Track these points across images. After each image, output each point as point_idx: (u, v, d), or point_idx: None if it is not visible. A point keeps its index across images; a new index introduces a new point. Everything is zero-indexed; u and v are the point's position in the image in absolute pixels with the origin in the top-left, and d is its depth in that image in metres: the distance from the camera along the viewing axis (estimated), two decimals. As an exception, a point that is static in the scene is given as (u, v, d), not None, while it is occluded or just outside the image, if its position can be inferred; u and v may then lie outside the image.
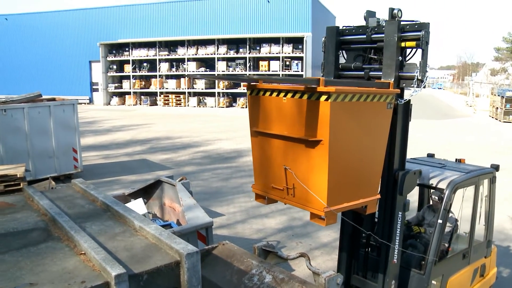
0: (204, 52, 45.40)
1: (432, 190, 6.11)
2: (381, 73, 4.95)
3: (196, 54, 45.43)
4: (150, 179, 9.03)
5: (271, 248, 5.09)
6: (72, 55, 51.21)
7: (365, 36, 5.12)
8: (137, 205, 7.82)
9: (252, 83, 4.70)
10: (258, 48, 43.72)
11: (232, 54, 44.35)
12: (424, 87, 4.89)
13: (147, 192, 8.68)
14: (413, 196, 6.56)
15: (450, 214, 6.08)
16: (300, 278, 4.31)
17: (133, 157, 19.64)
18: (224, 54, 44.46)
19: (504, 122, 34.69)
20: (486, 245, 6.63)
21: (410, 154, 7.85)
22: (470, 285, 6.34)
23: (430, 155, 7.34)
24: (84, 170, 15.75)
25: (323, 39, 5.43)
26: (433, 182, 5.90)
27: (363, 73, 5.22)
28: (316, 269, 4.65)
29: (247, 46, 43.81)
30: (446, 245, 5.97)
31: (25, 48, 53.25)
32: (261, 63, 43.25)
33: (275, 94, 4.46)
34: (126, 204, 5.54)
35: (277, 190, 4.68)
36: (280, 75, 39.94)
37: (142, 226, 3.11)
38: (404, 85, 4.94)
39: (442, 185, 5.75)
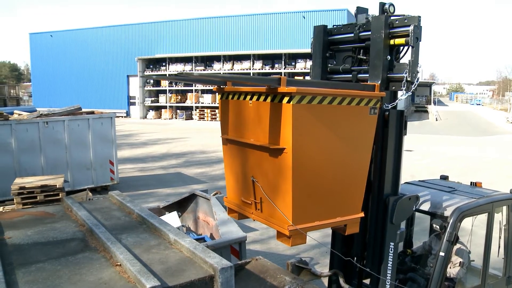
0: (240, 67, 45.77)
1: (434, 219, 5.28)
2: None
3: (231, 70, 45.82)
4: (184, 193, 9.11)
5: (305, 265, 5.04)
6: (111, 69, 52.61)
7: (353, 35, 4.60)
8: (172, 218, 7.89)
9: (222, 86, 4.26)
10: (293, 63, 43.80)
11: (267, 69, 44.55)
12: (415, 90, 4.26)
13: (181, 205, 8.76)
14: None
15: (460, 246, 5.48)
16: (333, 296, 4.24)
17: (168, 170, 19.86)
18: (259, 69, 44.72)
19: (547, 140, 33.49)
20: (506, 282, 5.82)
21: (441, 172, 7.63)
22: None
23: (443, 177, 6.57)
24: (120, 182, 16.02)
25: (311, 40, 4.96)
26: (436, 209, 5.25)
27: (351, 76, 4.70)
28: (350, 287, 4.58)
29: (283, 62, 43.97)
30: (453, 281, 5.32)
31: (67, 63, 55.07)
32: (296, 78, 43.21)
33: (242, 97, 4.02)
34: (161, 217, 5.60)
35: (246, 203, 4.23)
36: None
37: (177, 239, 3.13)
38: (394, 88, 4.36)
39: (446, 212, 5.10)
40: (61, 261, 2.90)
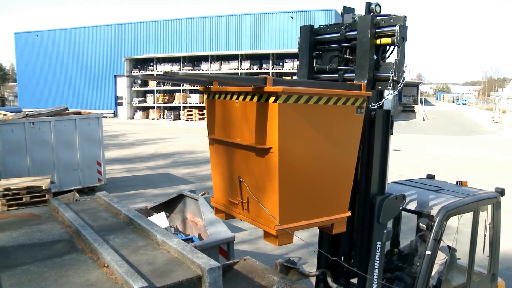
0: (228, 67, 45.73)
1: (420, 218, 5.32)
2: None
3: (219, 70, 45.76)
4: (172, 193, 9.08)
5: (293, 264, 5.05)
6: (98, 69, 52.23)
7: (339, 35, 4.60)
8: (160, 219, 7.86)
9: (208, 86, 4.25)
10: (281, 63, 43.87)
11: (255, 69, 44.55)
12: (402, 90, 4.29)
13: (169, 206, 8.73)
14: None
15: (442, 243, 5.46)
16: (321, 296, 4.25)
17: (156, 171, 19.79)
18: (247, 69, 44.70)
19: (532, 139, 33.91)
20: (491, 279, 5.90)
21: (428, 171, 7.69)
22: None
23: (430, 177, 6.64)
24: (108, 183, 15.92)
25: (298, 39, 4.93)
26: (422, 208, 5.29)
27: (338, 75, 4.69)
28: (338, 286, 4.60)
29: (270, 62, 44.03)
30: (439, 280, 5.35)
31: (53, 63, 54.59)
32: (284, 78, 43.28)
33: (228, 97, 4.02)
34: (148, 218, 5.58)
35: (233, 203, 4.21)
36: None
37: (164, 240, 3.13)
38: (380, 87, 4.37)
39: (432, 211, 5.14)
40: (47, 263, 2.88)
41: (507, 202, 7.01)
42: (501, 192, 5.88)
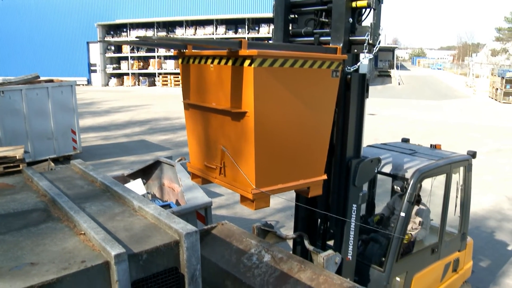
0: (203, 32, 44.99)
1: (395, 180, 5.43)
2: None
3: (194, 35, 45.01)
4: (149, 160, 9.05)
5: (270, 228, 5.11)
6: (69, 36, 50.66)
7: None
8: (136, 186, 7.86)
9: (182, 50, 4.19)
10: (257, 28, 43.35)
11: (231, 34, 43.94)
12: (377, 54, 4.45)
13: (146, 172, 8.71)
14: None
15: (421, 206, 5.74)
16: (298, 258, 4.33)
17: (132, 138, 19.63)
18: (222, 34, 44.06)
19: (503, 103, 34.56)
20: (461, 238, 6.17)
21: (403, 135, 7.84)
22: (440, 281, 5.92)
23: (405, 140, 6.80)
24: (83, 152, 15.76)
25: (273, 3, 4.83)
26: (397, 170, 5.38)
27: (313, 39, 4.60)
28: (315, 248, 4.69)
29: (246, 26, 43.45)
30: (412, 239, 5.54)
31: (22, 29, 52.69)
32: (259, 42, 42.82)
33: (203, 61, 3.94)
34: (125, 185, 5.56)
35: (210, 168, 4.19)
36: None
37: (141, 206, 3.12)
38: (355, 50, 4.33)
39: (407, 174, 5.24)
40: (22, 232, 2.85)
41: (477, 165, 7.19)
42: (473, 154, 6.05)
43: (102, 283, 2.45)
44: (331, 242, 5.15)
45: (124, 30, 48.12)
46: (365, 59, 4.33)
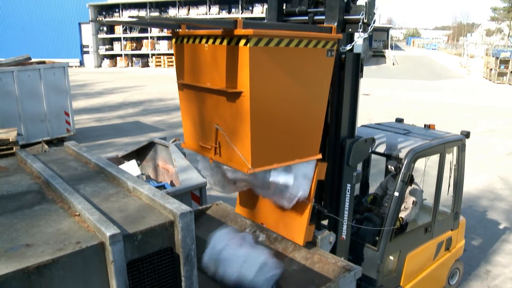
0: (196, 12, 44.52)
1: (389, 160, 5.45)
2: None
3: (187, 15, 44.51)
4: (143, 141, 9.02)
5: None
6: (60, 17, 49.94)
7: None
8: (131, 167, 7.85)
9: (176, 30, 4.15)
10: (250, 8, 42.92)
11: (224, 14, 43.50)
12: (372, 33, 4.42)
13: (140, 154, 8.70)
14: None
15: (414, 186, 5.77)
16: (293, 237, 4.37)
17: (125, 119, 19.55)
18: (216, 14, 43.62)
19: (497, 83, 34.54)
20: (453, 217, 6.25)
21: (398, 115, 7.84)
22: (433, 260, 6.02)
23: (399, 120, 6.81)
24: (77, 133, 15.69)
25: None
26: (391, 150, 5.41)
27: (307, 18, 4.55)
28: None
29: (240, 6, 43.01)
30: (405, 219, 5.61)
31: (11, 10, 51.88)
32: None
33: (197, 41, 3.91)
34: (119, 166, 5.55)
35: (205, 148, 4.19)
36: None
37: (135, 187, 3.13)
38: (350, 30, 4.30)
39: (401, 154, 5.27)
40: (17, 214, 2.85)
41: (470, 145, 7.21)
42: (467, 134, 6.06)
43: (97, 264, 2.46)
44: (325, 222, 5.18)
45: (117, 10, 47.52)
46: (359, 38, 4.29)
